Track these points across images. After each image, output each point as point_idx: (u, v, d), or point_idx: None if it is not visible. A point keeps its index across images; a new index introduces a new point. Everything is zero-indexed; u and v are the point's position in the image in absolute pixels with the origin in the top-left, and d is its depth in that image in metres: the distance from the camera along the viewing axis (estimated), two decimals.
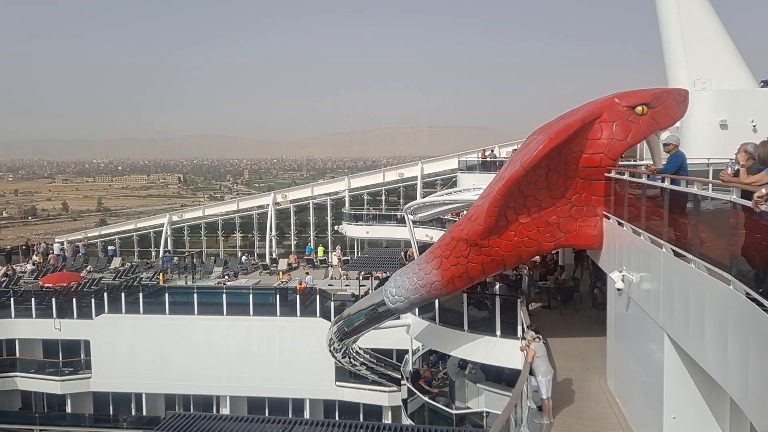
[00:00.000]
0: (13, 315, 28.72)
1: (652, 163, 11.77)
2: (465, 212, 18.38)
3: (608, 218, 11.93)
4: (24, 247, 44.67)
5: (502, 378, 16.48)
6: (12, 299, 29.05)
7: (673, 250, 8.12)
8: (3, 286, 32.58)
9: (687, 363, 8.36)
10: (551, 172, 12.22)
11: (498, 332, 14.80)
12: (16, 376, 28.97)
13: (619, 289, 10.60)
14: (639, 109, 11.76)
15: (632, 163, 16.74)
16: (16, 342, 29.11)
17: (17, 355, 29.23)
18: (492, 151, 35.55)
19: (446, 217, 28.73)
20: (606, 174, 11.94)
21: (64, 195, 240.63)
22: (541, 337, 12.16)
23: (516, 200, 12.48)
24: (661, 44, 21.69)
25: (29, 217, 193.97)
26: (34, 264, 38.56)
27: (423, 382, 18.62)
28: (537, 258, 17.98)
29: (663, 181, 8.99)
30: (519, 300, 14.81)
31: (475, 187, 19.80)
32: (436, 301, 15.64)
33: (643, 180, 10.05)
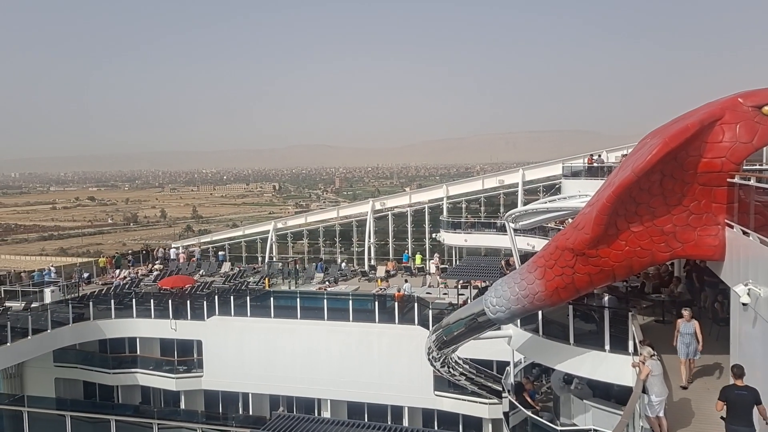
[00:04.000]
0: (134, 315, 30.89)
1: None
2: (570, 220, 17.72)
3: (731, 227, 11.06)
4: (144, 252, 48.16)
5: (611, 395, 15.68)
6: (134, 300, 31.35)
7: None
8: (126, 288, 35.26)
9: None
10: (666, 177, 11.51)
11: (607, 347, 14.10)
12: (137, 372, 31.07)
13: (744, 304, 9.84)
14: (766, 109, 10.86)
15: (758, 167, 15.43)
16: (137, 340, 31.28)
17: (138, 352, 31.43)
18: (599, 156, 34.11)
19: (549, 225, 27.87)
20: (729, 180, 11.09)
21: (168, 203, 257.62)
22: (656, 354, 11.43)
23: (627, 208, 11.85)
24: None
25: (131, 224, 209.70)
26: (158, 270, 41.39)
27: (526, 395, 18.08)
28: (650, 269, 16.99)
29: None
30: (630, 313, 14.03)
31: (580, 194, 19.02)
32: (539, 312, 15.16)
33: None
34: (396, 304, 28.22)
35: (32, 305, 30.85)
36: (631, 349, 13.65)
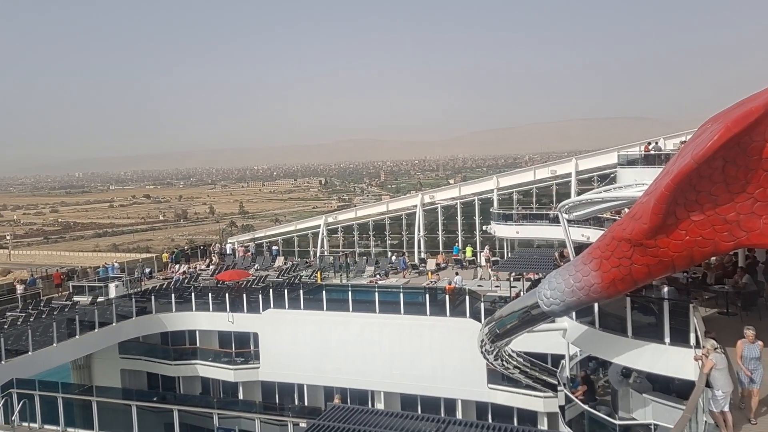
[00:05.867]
0: (194, 308, 31.88)
1: None
2: (627, 210, 17.30)
3: None
4: (202, 248, 49.61)
5: (671, 389, 15.26)
6: (193, 294, 32.37)
7: None
8: (185, 282, 36.41)
9: None
10: (729, 164, 11.06)
11: (667, 339, 13.71)
12: (197, 364, 32.07)
13: None
14: None
15: None
16: (197, 333, 32.27)
17: (198, 344, 32.46)
18: (656, 143, 33.07)
19: (605, 215, 27.23)
20: None
21: (218, 199, 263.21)
22: (720, 346, 11.07)
23: (687, 196, 11.47)
24: None
25: (180, 220, 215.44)
26: (214, 264, 42.61)
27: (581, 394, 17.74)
28: (712, 259, 16.43)
29: None
30: (692, 305, 13.60)
31: (637, 182, 18.55)
32: (595, 304, 14.87)
33: None
34: (447, 296, 28.17)
35: (98, 299, 32.26)
36: (692, 341, 13.25)
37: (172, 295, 32.39)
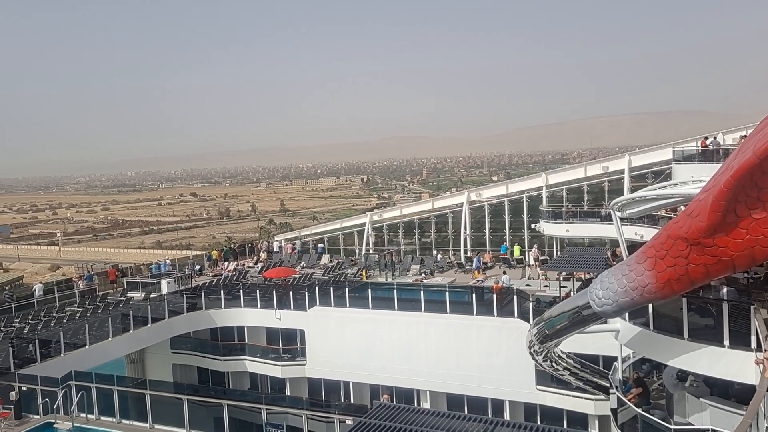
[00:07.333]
0: (242, 305, 32.45)
1: None
2: (683, 208, 16.71)
3: None
4: (250, 246, 50.46)
5: (730, 393, 14.67)
6: (241, 291, 32.97)
7: None
8: (234, 279, 37.11)
9: None
10: None
11: (726, 342, 13.16)
12: (245, 360, 32.66)
13: None
14: None
15: None
16: (245, 329, 32.86)
17: (246, 340, 33.03)
18: (714, 138, 31.84)
19: (659, 213, 26.41)
20: None
21: (261, 198, 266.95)
22: None
23: (748, 193, 10.98)
24: None
25: (223, 218, 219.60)
26: (262, 262, 43.28)
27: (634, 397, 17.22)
28: None
29: None
30: (753, 306, 13.01)
31: (694, 179, 17.92)
32: (650, 305, 14.41)
33: None
34: (494, 296, 27.81)
35: (151, 296, 33.21)
36: (753, 344, 12.71)
37: (222, 291, 33.06)
